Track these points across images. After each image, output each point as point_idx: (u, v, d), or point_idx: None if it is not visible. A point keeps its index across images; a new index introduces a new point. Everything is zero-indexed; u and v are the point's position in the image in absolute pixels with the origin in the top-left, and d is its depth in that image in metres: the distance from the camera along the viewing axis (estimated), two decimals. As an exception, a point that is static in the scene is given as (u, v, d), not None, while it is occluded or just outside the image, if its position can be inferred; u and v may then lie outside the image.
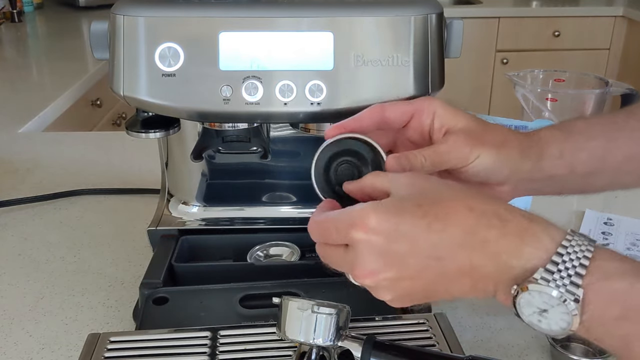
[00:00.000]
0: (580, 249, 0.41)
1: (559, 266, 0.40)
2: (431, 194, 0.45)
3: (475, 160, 0.52)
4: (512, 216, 0.43)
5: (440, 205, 0.43)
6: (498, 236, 0.42)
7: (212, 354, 0.58)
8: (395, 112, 0.55)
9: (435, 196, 0.44)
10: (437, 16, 0.62)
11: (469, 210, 0.43)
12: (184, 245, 0.77)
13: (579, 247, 0.41)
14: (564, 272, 0.40)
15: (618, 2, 3.26)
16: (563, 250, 0.41)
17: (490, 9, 3.16)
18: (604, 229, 0.92)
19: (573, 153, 0.55)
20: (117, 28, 0.60)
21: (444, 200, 0.44)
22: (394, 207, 0.44)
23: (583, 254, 0.40)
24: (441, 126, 0.53)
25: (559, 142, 0.55)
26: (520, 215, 0.43)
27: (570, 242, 0.41)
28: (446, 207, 0.43)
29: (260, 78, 0.60)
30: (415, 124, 0.55)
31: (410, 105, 0.55)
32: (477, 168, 0.52)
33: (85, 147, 1.28)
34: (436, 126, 0.54)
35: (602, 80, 1.14)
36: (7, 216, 0.98)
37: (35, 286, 0.80)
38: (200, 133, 0.74)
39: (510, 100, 1.30)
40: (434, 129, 0.54)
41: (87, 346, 0.60)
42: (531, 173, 0.55)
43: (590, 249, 0.41)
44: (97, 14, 2.63)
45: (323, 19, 0.60)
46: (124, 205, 1.01)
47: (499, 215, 0.43)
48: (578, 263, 0.40)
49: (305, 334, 0.51)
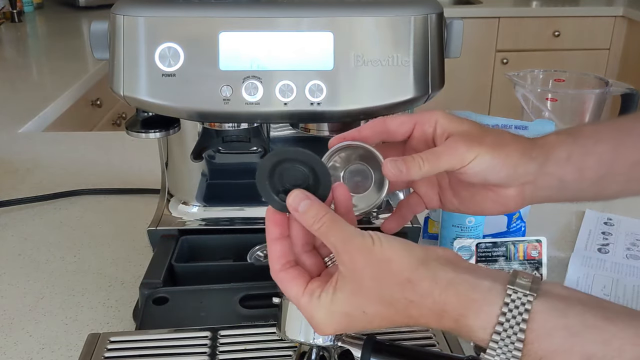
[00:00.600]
0: (514, 331, 0.42)
1: (496, 350, 0.42)
2: (374, 294, 0.46)
3: (473, 161, 0.52)
4: (443, 317, 0.45)
5: (383, 313, 0.46)
6: (438, 327, 0.46)
7: (212, 354, 0.58)
8: (396, 122, 0.55)
9: (379, 299, 0.46)
10: (437, 16, 0.62)
11: (408, 318, 0.46)
12: (184, 245, 0.77)
13: (511, 330, 0.42)
14: (502, 356, 0.42)
15: (618, 2, 3.26)
16: (497, 336, 0.42)
17: (490, 9, 3.16)
18: (604, 229, 0.92)
19: (581, 157, 0.54)
20: (117, 28, 0.60)
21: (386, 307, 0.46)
22: (343, 315, 0.47)
23: (517, 337, 0.42)
24: (443, 132, 0.54)
25: (567, 145, 0.55)
26: (453, 312, 0.44)
27: (502, 325, 0.42)
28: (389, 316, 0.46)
29: (260, 78, 0.60)
30: (419, 134, 0.55)
31: (411, 116, 0.55)
32: (476, 169, 0.52)
33: (85, 147, 1.28)
34: (438, 132, 0.54)
35: (602, 80, 1.14)
36: (7, 216, 0.98)
37: (35, 286, 0.80)
38: (200, 133, 0.74)
39: (510, 100, 1.30)
40: (436, 135, 0.54)
41: (87, 346, 0.60)
42: (537, 176, 0.54)
43: (523, 328, 0.42)
44: (97, 14, 2.63)
45: (323, 19, 0.60)
46: (124, 205, 1.01)
47: (434, 315, 0.45)
48: (513, 347, 0.42)
49: (305, 334, 0.51)
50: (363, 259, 0.46)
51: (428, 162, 0.52)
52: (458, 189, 0.57)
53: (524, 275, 0.44)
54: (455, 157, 0.52)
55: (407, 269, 0.45)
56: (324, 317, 0.47)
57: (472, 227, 0.78)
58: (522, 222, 0.87)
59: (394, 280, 0.45)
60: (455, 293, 0.44)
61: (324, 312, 0.47)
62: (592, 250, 0.87)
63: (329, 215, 0.48)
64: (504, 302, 0.43)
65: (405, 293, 0.45)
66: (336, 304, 0.47)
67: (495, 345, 0.42)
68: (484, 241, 0.76)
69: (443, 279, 0.44)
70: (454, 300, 0.44)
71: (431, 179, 0.58)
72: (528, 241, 0.76)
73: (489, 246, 0.76)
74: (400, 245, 0.46)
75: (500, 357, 0.42)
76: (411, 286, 0.45)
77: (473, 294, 0.44)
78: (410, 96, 0.61)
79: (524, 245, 0.76)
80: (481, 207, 0.56)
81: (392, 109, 0.63)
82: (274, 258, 0.50)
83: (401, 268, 0.45)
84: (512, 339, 0.42)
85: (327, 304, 0.47)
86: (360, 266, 0.46)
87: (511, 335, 0.42)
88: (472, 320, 0.43)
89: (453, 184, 0.57)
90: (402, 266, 0.45)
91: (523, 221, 0.87)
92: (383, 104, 0.62)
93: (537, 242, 0.76)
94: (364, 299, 0.46)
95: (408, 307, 0.45)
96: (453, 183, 0.57)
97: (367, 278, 0.46)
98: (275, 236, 0.50)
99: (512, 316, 0.42)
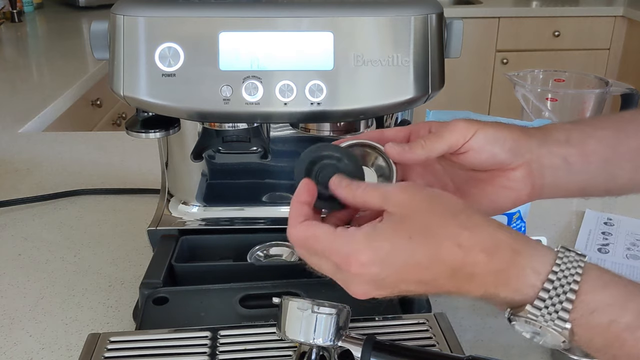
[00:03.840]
0: (567, 280, 0.42)
1: (545, 302, 0.42)
2: (423, 223, 0.45)
3: (474, 136, 0.52)
4: (498, 249, 0.44)
5: (429, 241, 0.44)
6: (484, 272, 0.44)
7: (212, 354, 0.58)
8: (393, 131, 0.57)
9: (427, 227, 0.45)
10: (437, 16, 0.62)
11: (457, 247, 0.44)
12: (184, 245, 0.77)
13: (565, 280, 0.42)
14: (551, 307, 0.42)
15: (618, 2, 3.26)
16: (549, 284, 0.42)
17: (490, 9, 3.16)
18: (604, 229, 0.92)
19: (581, 140, 0.54)
20: (117, 28, 0.60)
21: (433, 234, 0.45)
22: (386, 240, 0.45)
23: (570, 287, 0.42)
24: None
25: (565, 130, 0.55)
26: (507, 247, 0.44)
27: (556, 274, 0.42)
28: (435, 243, 0.44)
29: (260, 78, 0.60)
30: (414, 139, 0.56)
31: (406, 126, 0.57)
32: (480, 143, 0.52)
33: (85, 147, 1.28)
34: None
35: (602, 80, 1.14)
36: (7, 216, 0.98)
37: (35, 286, 0.80)
38: (200, 133, 0.74)
39: (510, 100, 1.30)
40: None
41: (87, 346, 0.60)
42: (540, 154, 0.54)
43: (577, 279, 0.42)
44: (97, 14, 2.63)
45: (323, 19, 0.60)
46: (124, 205, 1.01)
47: (486, 249, 0.44)
48: (565, 297, 0.41)
49: (305, 334, 0.51)
50: (410, 196, 0.46)
51: (430, 141, 0.53)
52: (465, 187, 0.56)
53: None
54: (456, 133, 0.52)
55: (460, 205, 0.46)
56: (365, 240, 0.45)
57: (472, 227, 0.78)
58: (522, 222, 0.87)
59: (447, 209, 0.45)
60: (508, 232, 0.44)
61: (364, 236, 0.45)
62: (592, 250, 0.87)
63: (366, 184, 0.50)
64: (557, 255, 0.43)
65: (458, 219, 0.45)
66: (379, 232, 0.45)
67: (545, 295, 0.42)
68: (484, 241, 0.76)
69: (495, 222, 0.45)
70: (508, 237, 0.44)
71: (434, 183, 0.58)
72: (528, 241, 0.76)
73: (489, 246, 0.76)
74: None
75: (549, 309, 0.42)
76: (465, 216, 0.45)
77: (526, 239, 0.44)
78: (410, 96, 0.61)
79: (524, 245, 0.76)
80: (494, 199, 0.55)
81: (392, 109, 0.63)
82: (294, 215, 0.49)
83: (453, 202, 0.46)
84: (565, 289, 0.41)
85: (369, 230, 0.45)
86: (410, 200, 0.46)
87: (564, 285, 0.42)
88: (525, 259, 0.43)
89: (460, 183, 0.57)
90: (454, 201, 0.46)
91: (523, 221, 0.87)
92: (383, 103, 0.62)
93: (537, 242, 0.76)
94: (411, 226, 0.45)
95: (460, 235, 0.44)
96: (460, 181, 0.57)
97: (418, 210, 0.45)
98: (304, 200, 0.50)
99: (567, 267, 0.42)
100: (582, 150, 0.54)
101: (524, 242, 0.44)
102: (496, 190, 0.55)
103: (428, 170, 0.58)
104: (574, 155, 0.54)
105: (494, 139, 0.53)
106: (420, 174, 0.58)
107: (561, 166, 0.54)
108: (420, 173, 0.58)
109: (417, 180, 0.58)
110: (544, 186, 0.55)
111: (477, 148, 0.52)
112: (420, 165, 0.58)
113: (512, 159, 0.53)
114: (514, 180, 0.54)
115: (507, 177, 0.54)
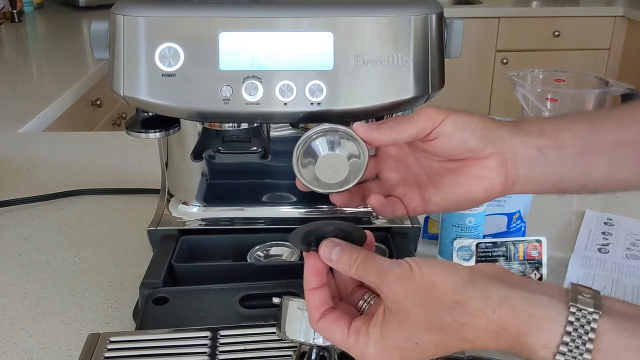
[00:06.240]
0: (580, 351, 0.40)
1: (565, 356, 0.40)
2: (423, 324, 0.44)
3: (442, 122, 0.52)
4: (503, 332, 0.42)
5: (437, 342, 0.44)
6: (495, 347, 0.43)
7: (212, 354, 0.58)
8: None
9: (429, 326, 0.44)
10: (437, 16, 0.62)
11: (462, 341, 0.44)
12: (184, 245, 0.77)
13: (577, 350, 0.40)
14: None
15: (618, 2, 3.26)
16: (561, 357, 0.40)
17: (490, 9, 3.16)
18: (604, 229, 0.92)
19: (554, 133, 0.54)
20: (117, 28, 0.60)
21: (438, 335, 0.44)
22: (396, 349, 0.45)
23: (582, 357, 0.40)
24: None
25: (538, 123, 0.55)
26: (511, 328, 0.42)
27: (567, 345, 0.40)
28: (442, 343, 0.44)
29: (260, 78, 0.60)
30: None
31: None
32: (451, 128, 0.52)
33: (85, 147, 1.28)
34: None
35: (602, 80, 1.14)
36: (7, 216, 0.98)
37: (35, 286, 0.80)
38: (200, 133, 0.74)
39: (510, 100, 1.30)
40: None
41: (87, 346, 0.60)
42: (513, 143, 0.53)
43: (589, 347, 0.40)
44: (97, 14, 2.63)
45: (323, 19, 0.60)
46: (124, 205, 1.01)
47: (491, 335, 0.43)
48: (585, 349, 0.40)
49: (305, 334, 0.51)
50: (404, 289, 0.44)
51: (398, 123, 0.53)
52: (438, 178, 0.56)
53: (584, 290, 0.42)
54: (424, 117, 0.52)
55: (453, 291, 0.43)
56: (376, 352, 0.45)
57: (472, 227, 0.78)
58: (522, 222, 0.87)
59: (440, 304, 0.43)
60: (510, 309, 0.42)
61: (375, 347, 0.45)
62: (592, 250, 0.87)
63: (362, 254, 0.47)
64: (568, 320, 0.41)
65: (455, 316, 0.43)
66: (387, 339, 0.45)
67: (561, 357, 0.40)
68: (484, 241, 0.76)
69: (494, 296, 0.42)
70: (511, 316, 0.42)
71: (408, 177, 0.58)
72: (528, 241, 0.76)
73: (489, 246, 0.76)
74: (443, 267, 0.45)
75: None
76: (461, 307, 0.43)
77: (531, 309, 0.42)
78: (410, 96, 0.61)
79: (524, 245, 0.76)
80: (467, 189, 0.55)
81: (392, 109, 0.63)
82: (312, 308, 0.49)
83: (447, 291, 0.43)
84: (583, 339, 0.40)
85: (377, 338, 0.45)
86: (402, 296, 0.44)
87: (577, 356, 0.40)
88: (534, 338, 0.41)
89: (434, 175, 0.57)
90: (447, 289, 0.43)
91: (523, 221, 0.87)
92: (383, 103, 0.62)
93: (537, 242, 0.76)
94: (414, 329, 0.44)
95: (461, 330, 0.43)
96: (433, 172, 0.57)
97: (412, 307, 0.44)
98: (314, 286, 0.49)
99: (578, 335, 0.40)
100: (556, 143, 0.54)
101: (529, 316, 0.42)
102: (469, 180, 0.54)
103: (401, 163, 0.58)
104: (548, 147, 0.54)
105: (464, 125, 0.53)
106: (394, 167, 0.59)
107: (536, 157, 0.53)
108: (393, 166, 0.59)
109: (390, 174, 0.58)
110: (517, 177, 0.54)
111: (448, 133, 0.52)
112: (393, 159, 0.58)
113: (484, 146, 0.53)
114: (487, 168, 0.54)
115: (480, 166, 0.54)
